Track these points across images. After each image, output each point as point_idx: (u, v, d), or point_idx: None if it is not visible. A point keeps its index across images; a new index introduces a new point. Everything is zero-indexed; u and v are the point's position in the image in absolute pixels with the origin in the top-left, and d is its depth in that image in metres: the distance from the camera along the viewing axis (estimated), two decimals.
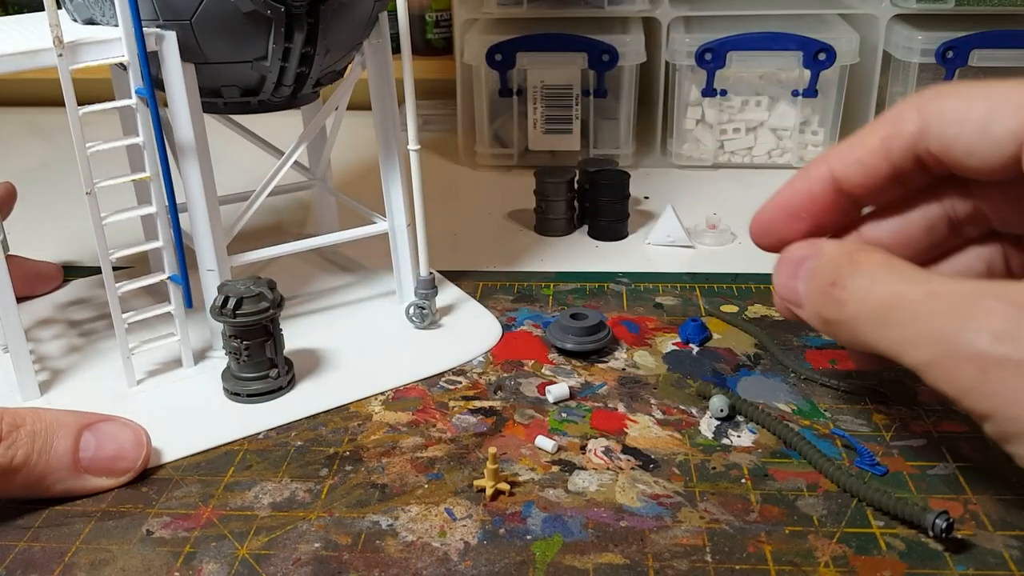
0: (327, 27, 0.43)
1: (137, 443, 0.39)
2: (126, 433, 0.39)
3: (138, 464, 0.38)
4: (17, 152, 0.87)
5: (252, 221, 0.49)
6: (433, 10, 0.91)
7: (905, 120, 0.31)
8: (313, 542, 0.35)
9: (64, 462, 0.37)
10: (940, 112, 0.30)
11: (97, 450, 0.37)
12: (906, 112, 0.31)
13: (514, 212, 0.68)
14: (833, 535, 0.34)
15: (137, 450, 0.38)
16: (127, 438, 0.38)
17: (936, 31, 0.71)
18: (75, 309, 0.54)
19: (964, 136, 0.29)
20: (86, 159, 0.40)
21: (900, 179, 0.32)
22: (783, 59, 0.72)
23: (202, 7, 0.41)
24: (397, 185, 0.51)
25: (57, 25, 0.38)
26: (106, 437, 0.38)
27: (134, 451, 0.38)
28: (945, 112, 0.30)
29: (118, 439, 0.38)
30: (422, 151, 0.48)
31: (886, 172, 0.32)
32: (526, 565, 0.33)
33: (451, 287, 0.55)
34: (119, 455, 0.38)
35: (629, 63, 0.74)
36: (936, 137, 0.30)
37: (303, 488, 0.38)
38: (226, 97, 0.45)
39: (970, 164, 0.30)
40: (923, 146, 0.30)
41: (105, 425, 0.38)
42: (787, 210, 0.34)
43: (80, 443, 0.37)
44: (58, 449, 0.36)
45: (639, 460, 0.39)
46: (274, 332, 0.43)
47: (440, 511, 0.36)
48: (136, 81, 0.41)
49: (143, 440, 0.39)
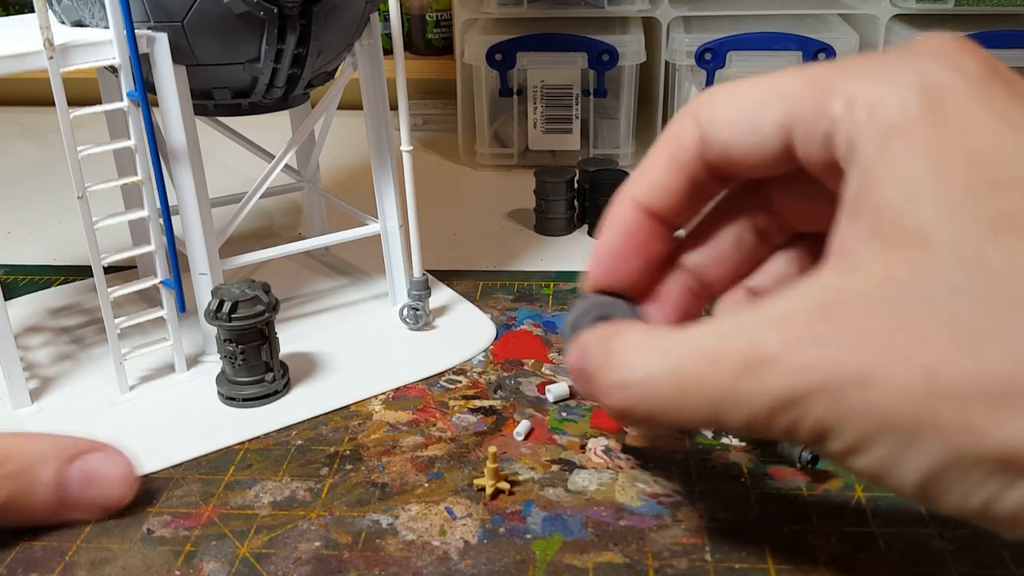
0: (320, 28, 0.43)
1: (124, 480, 0.36)
2: (114, 468, 0.36)
3: (124, 502, 0.36)
4: (8, 154, 0.86)
5: (242, 224, 0.49)
6: (433, 10, 0.91)
7: (685, 131, 0.30)
8: (313, 541, 0.35)
9: (46, 500, 0.34)
10: (712, 117, 0.29)
11: (83, 487, 0.35)
12: (684, 122, 0.30)
13: (514, 212, 0.68)
14: (832, 534, 0.34)
15: (123, 487, 0.36)
16: (114, 474, 0.36)
17: (936, 31, 0.71)
18: (65, 314, 0.53)
19: (738, 137, 0.28)
20: (77, 163, 0.40)
21: (700, 192, 0.31)
22: (783, 59, 0.72)
23: (194, 8, 0.40)
24: (389, 186, 0.51)
25: (48, 27, 0.37)
26: (93, 472, 0.36)
27: (120, 488, 0.36)
28: (717, 116, 0.29)
29: (105, 475, 0.36)
30: (422, 151, 0.48)
31: (685, 188, 0.31)
32: (526, 564, 0.33)
33: (444, 288, 0.55)
34: (106, 493, 0.36)
35: (629, 63, 0.74)
36: (713, 143, 0.29)
37: (303, 487, 0.38)
38: (217, 99, 0.45)
39: (749, 164, 0.29)
40: (707, 154, 0.30)
41: (92, 458, 0.36)
42: (615, 255, 0.32)
43: (65, 478, 0.35)
44: (41, 485, 0.34)
45: (639, 459, 0.39)
46: (269, 336, 0.43)
47: (440, 510, 0.36)
48: (127, 84, 0.40)
49: (131, 475, 0.37)
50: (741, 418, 0.25)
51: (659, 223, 0.32)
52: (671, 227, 0.32)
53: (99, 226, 0.41)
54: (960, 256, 0.22)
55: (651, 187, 0.31)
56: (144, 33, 0.41)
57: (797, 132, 0.27)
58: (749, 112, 0.28)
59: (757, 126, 0.28)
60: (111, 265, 0.42)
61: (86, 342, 0.50)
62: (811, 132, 0.27)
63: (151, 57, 0.41)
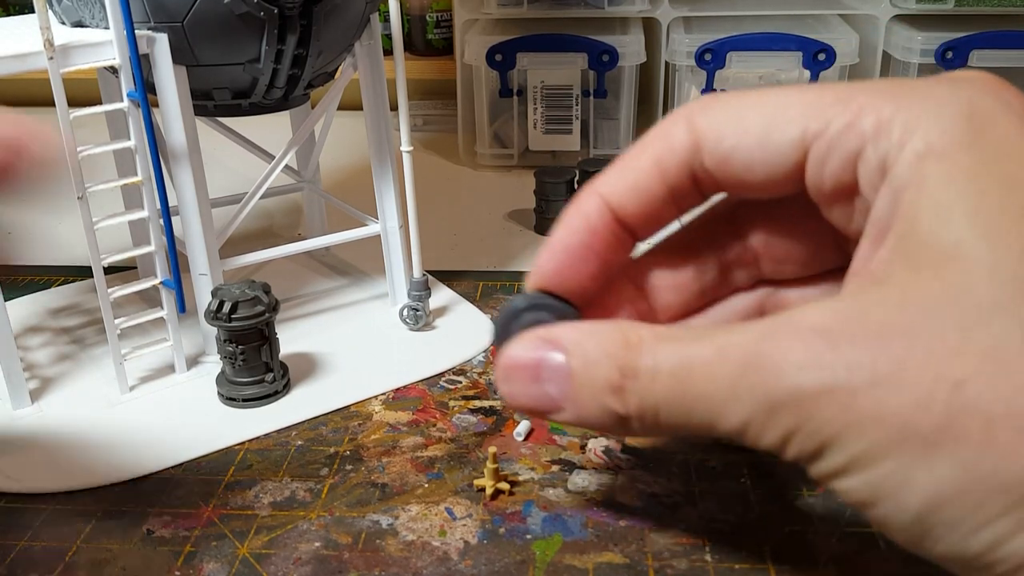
0: (320, 28, 0.43)
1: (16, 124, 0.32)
2: None
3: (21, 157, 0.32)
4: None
5: (242, 224, 0.49)
6: (433, 10, 0.91)
7: (676, 135, 0.28)
8: (313, 541, 0.35)
9: None
10: (714, 124, 0.27)
11: None
12: (676, 126, 0.28)
13: (514, 212, 0.68)
14: (832, 534, 0.34)
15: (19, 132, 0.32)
16: None
17: (936, 31, 0.71)
18: (65, 314, 0.53)
19: (743, 148, 0.26)
20: (77, 163, 0.40)
21: (677, 202, 0.29)
22: (783, 59, 0.72)
23: (194, 9, 0.40)
24: (389, 187, 0.51)
25: (48, 28, 0.37)
26: None
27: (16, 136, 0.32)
28: (719, 124, 0.27)
29: None
30: (422, 151, 0.48)
31: (663, 196, 0.28)
32: (526, 564, 0.33)
33: (444, 289, 0.55)
34: None
35: (629, 63, 0.74)
36: (711, 152, 0.27)
37: (303, 487, 0.38)
38: (217, 100, 0.45)
39: (750, 179, 0.27)
40: (698, 162, 0.28)
41: None
42: (569, 253, 0.29)
43: None
44: None
45: (639, 459, 0.39)
46: (269, 336, 0.43)
47: (440, 510, 0.36)
48: (128, 84, 0.40)
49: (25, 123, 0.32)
50: (738, 418, 0.23)
51: (623, 230, 0.29)
52: (634, 237, 0.30)
53: (99, 226, 0.41)
54: (998, 276, 0.21)
55: (625, 188, 0.29)
56: (144, 33, 0.41)
57: (816, 149, 0.25)
58: (760, 124, 0.26)
59: (768, 140, 0.26)
60: (111, 265, 0.42)
61: (86, 342, 0.50)
62: (834, 149, 0.25)
63: (151, 57, 0.41)
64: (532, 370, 0.27)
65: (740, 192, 0.28)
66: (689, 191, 0.28)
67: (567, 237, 0.29)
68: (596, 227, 0.29)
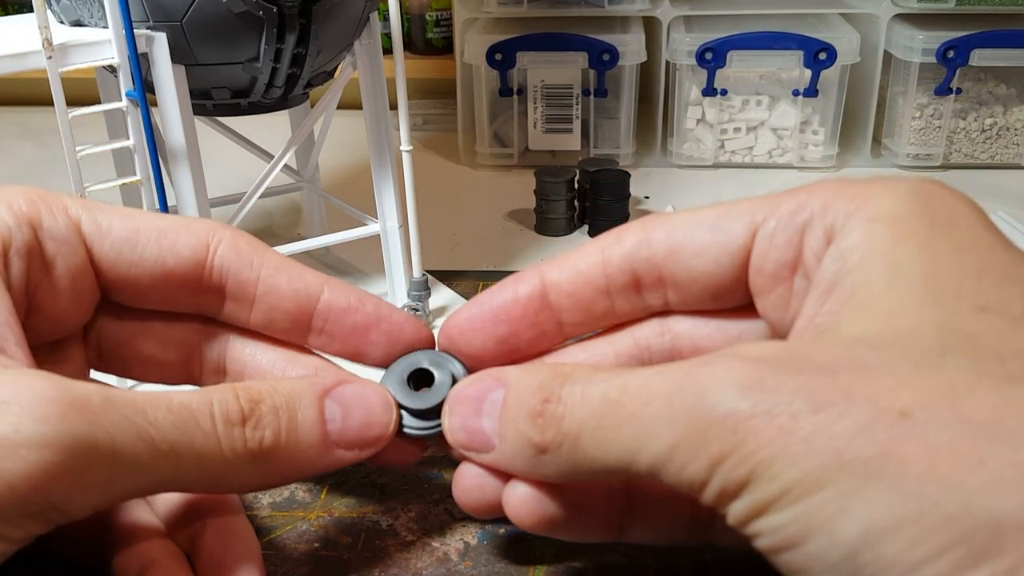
0: (319, 28, 0.43)
1: (385, 406, 0.31)
2: (371, 396, 0.31)
3: (389, 430, 0.31)
4: (7, 154, 0.86)
5: (242, 224, 0.49)
6: (433, 9, 0.91)
7: (628, 232, 0.29)
8: (313, 542, 0.35)
9: (313, 438, 0.29)
10: (667, 222, 0.29)
11: (345, 420, 0.30)
12: (629, 227, 0.30)
13: (514, 212, 0.68)
14: None
15: (387, 414, 0.31)
16: (373, 401, 0.31)
17: (937, 31, 0.71)
18: None
19: (695, 235, 0.28)
20: (76, 163, 0.40)
21: (612, 296, 0.30)
22: (784, 58, 0.72)
23: (193, 8, 0.40)
24: (389, 186, 0.51)
25: (46, 27, 0.37)
26: (351, 403, 0.31)
27: (384, 415, 0.31)
28: (673, 221, 0.29)
29: (365, 403, 0.31)
30: (422, 151, 0.48)
31: (599, 284, 0.30)
32: (526, 565, 0.33)
33: (444, 288, 0.55)
34: (368, 422, 0.31)
35: (629, 63, 0.74)
36: (663, 241, 0.29)
37: (303, 488, 0.38)
38: (216, 99, 0.45)
39: (698, 265, 0.28)
40: (644, 255, 0.29)
41: (346, 389, 0.31)
42: (488, 310, 0.31)
43: (325, 414, 0.30)
44: (304, 423, 0.29)
45: None
46: None
47: (440, 511, 0.36)
48: (126, 84, 0.40)
49: (390, 401, 0.31)
50: (665, 443, 0.22)
51: (548, 310, 0.31)
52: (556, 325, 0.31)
53: None
54: (950, 331, 0.21)
55: (567, 269, 0.30)
56: (143, 33, 0.41)
57: (764, 229, 0.27)
58: (714, 214, 0.28)
59: (720, 224, 0.28)
60: None
61: None
62: (781, 227, 0.27)
63: (150, 57, 0.41)
64: (476, 403, 0.28)
65: (681, 287, 0.29)
66: (627, 287, 0.30)
67: (492, 297, 0.31)
68: (521, 295, 0.31)
